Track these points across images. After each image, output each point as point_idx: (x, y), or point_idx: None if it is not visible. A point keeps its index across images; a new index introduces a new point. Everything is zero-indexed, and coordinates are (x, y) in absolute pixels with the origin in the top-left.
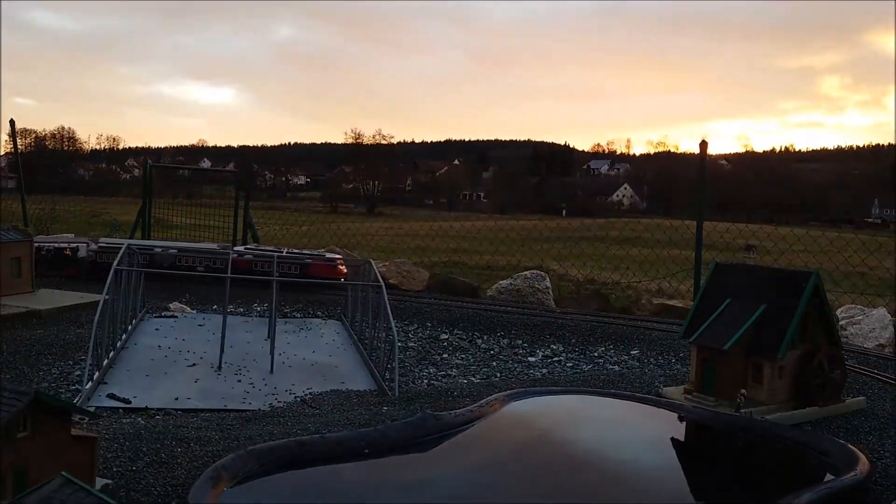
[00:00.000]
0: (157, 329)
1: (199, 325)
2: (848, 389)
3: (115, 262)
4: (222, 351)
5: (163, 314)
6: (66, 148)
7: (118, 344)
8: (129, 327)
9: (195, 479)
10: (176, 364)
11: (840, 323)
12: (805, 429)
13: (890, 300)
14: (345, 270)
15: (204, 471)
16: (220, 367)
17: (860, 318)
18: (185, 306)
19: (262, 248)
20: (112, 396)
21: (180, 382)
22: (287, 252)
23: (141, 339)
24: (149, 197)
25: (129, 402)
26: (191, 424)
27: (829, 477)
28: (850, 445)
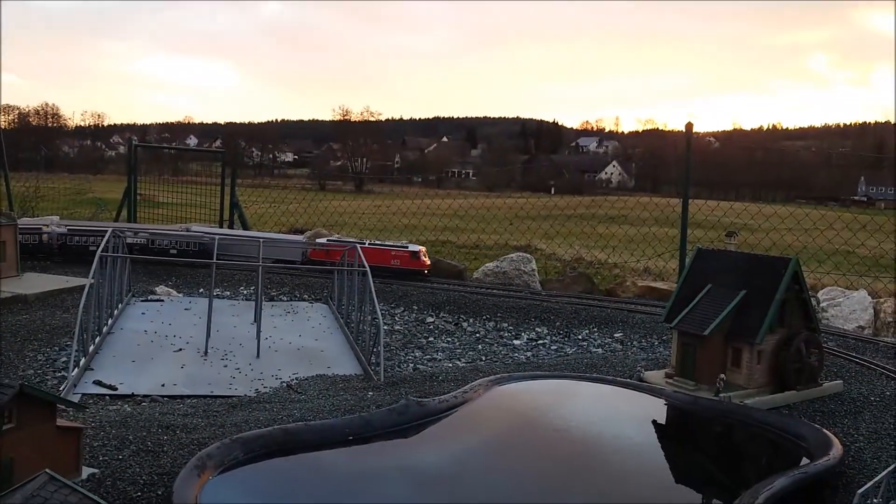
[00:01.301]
0: (143, 313)
1: (186, 309)
2: (826, 373)
3: (101, 248)
4: (209, 336)
5: (149, 298)
6: (49, 124)
7: (104, 329)
8: (116, 312)
9: (181, 468)
10: (162, 349)
11: (821, 305)
12: (782, 413)
13: (872, 280)
14: (428, 263)
15: (190, 459)
16: (206, 353)
17: (841, 299)
18: (171, 290)
19: (343, 239)
20: (98, 383)
21: (167, 368)
22: (369, 243)
23: (127, 324)
24: (134, 176)
25: (116, 389)
26: (177, 411)
27: (804, 461)
28: (824, 430)
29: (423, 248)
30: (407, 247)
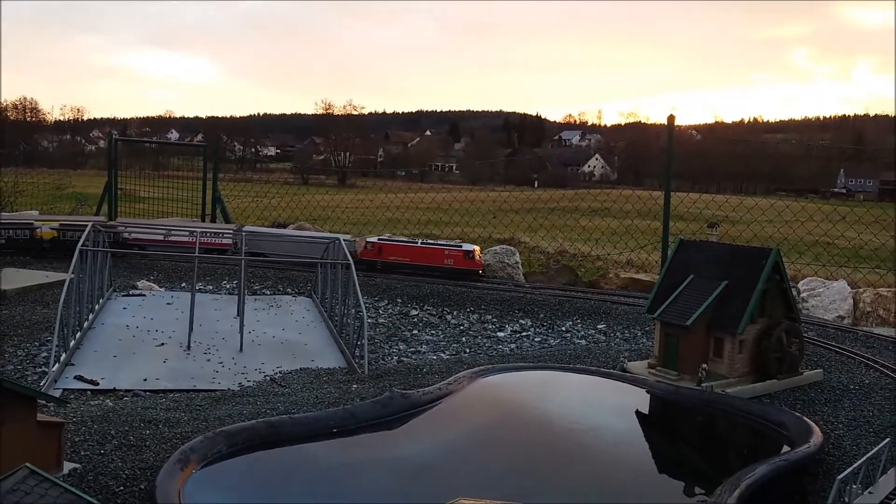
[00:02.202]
0: (124, 308)
1: (168, 304)
2: (806, 362)
3: (81, 242)
4: (191, 330)
5: (131, 293)
6: (28, 118)
7: (85, 324)
8: (97, 307)
9: (164, 462)
10: (144, 344)
11: (801, 295)
12: (763, 402)
13: (851, 270)
14: (482, 262)
15: (173, 453)
16: (188, 347)
17: (821, 290)
18: (153, 284)
19: (396, 238)
20: (80, 378)
21: (149, 363)
22: (421, 243)
23: (108, 319)
24: (114, 170)
25: (97, 384)
26: (160, 405)
27: (785, 449)
28: (804, 418)
29: (476, 248)
30: (461, 246)
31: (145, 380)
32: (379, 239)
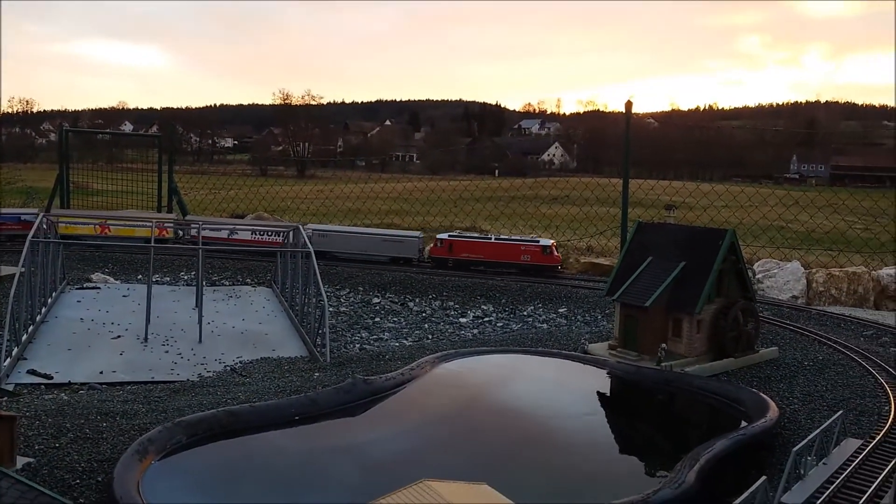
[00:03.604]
0: (78, 301)
1: (124, 296)
2: (762, 340)
3: (31, 234)
4: (148, 322)
5: (84, 286)
6: None
7: (38, 318)
8: (49, 300)
9: (122, 454)
10: (100, 337)
11: (757, 277)
12: (721, 379)
13: (804, 252)
14: (560, 257)
15: (130, 445)
16: (146, 339)
17: (776, 271)
18: (108, 277)
19: (468, 234)
20: (33, 372)
21: (105, 355)
22: (495, 238)
23: (62, 312)
24: (66, 163)
25: (51, 378)
26: (116, 398)
27: (742, 424)
28: (761, 394)
29: (553, 242)
30: (538, 241)
31: (101, 372)
32: (450, 235)
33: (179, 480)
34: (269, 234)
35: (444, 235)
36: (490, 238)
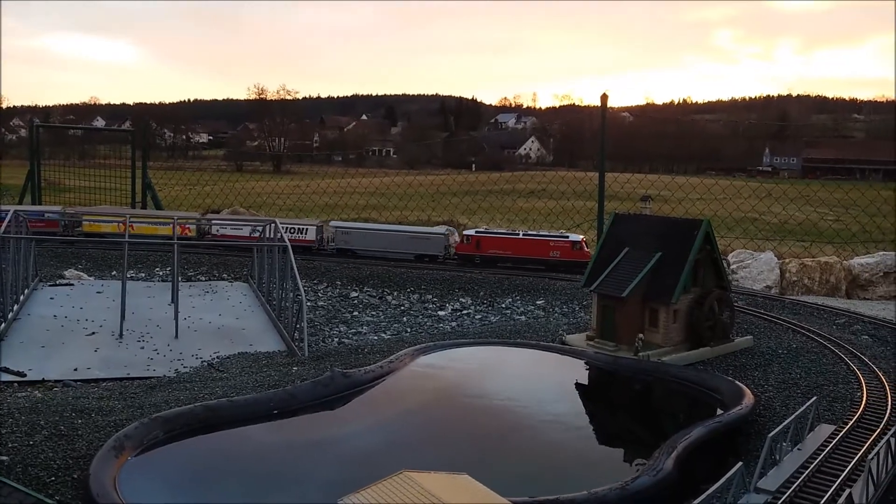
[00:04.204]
0: (51, 298)
1: (98, 293)
2: (737, 329)
3: (2, 230)
4: (123, 318)
5: (58, 282)
6: None
7: (10, 315)
8: (21, 297)
9: (98, 451)
10: (74, 333)
11: (731, 267)
12: (697, 368)
13: (777, 243)
14: (590, 254)
15: (106, 441)
16: (121, 335)
17: (749, 261)
18: (81, 273)
19: (495, 230)
20: (5, 370)
21: (79, 352)
22: (523, 234)
23: (35, 309)
24: (37, 159)
25: (25, 376)
26: (92, 395)
27: (719, 411)
28: (737, 382)
29: (583, 237)
30: (567, 236)
31: (76, 369)
32: (476, 231)
33: (157, 476)
34: (292, 230)
35: (471, 232)
36: (518, 234)
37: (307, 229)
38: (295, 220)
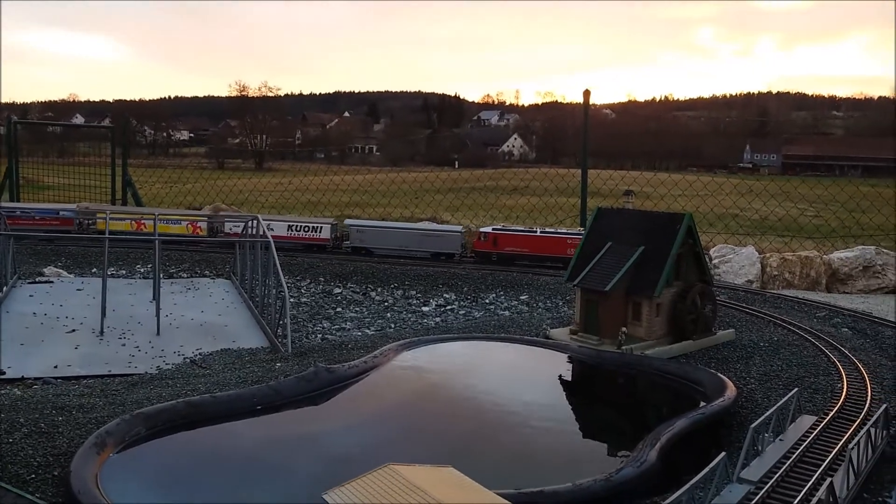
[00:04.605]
0: (31, 296)
1: (78, 290)
2: (720, 323)
3: None
4: (104, 315)
5: (37, 280)
6: None
7: None
8: (0, 295)
9: (79, 448)
10: (54, 331)
11: (713, 262)
12: (680, 361)
13: (758, 238)
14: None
15: (88, 438)
16: (102, 332)
17: (731, 256)
18: (61, 270)
19: (512, 227)
20: None
21: (59, 350)
22: (540, 231)
23: (13, 307)
24: (14, 156)
25: (3, 373)
26: (72, 392)
27: (701, 404)
28: (719, 374)
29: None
30: (583, 233)
31: (56, 367)
32: (493, 229)
33: (139, 472)
34: (307, 229)
35: (488, 229)
36: (535, 231)
37: (321, 227)
38: (309, 218)
